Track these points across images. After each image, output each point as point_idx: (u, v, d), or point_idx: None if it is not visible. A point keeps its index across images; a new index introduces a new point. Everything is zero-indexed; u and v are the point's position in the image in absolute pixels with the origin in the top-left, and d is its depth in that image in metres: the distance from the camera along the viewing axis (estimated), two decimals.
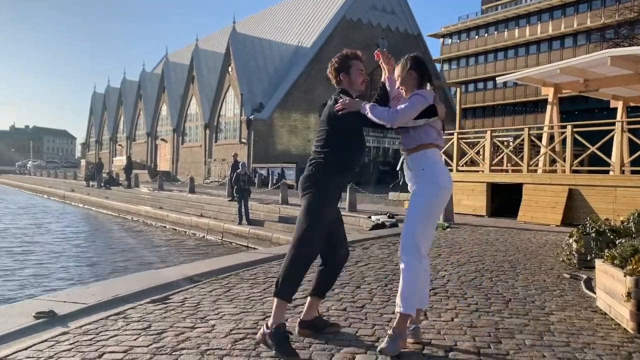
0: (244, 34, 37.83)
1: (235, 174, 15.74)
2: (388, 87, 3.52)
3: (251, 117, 33.21)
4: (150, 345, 3.14)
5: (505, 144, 14.54)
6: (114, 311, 3.88)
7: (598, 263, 4.28)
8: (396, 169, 20.31)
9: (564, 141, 12.17)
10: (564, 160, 11.97)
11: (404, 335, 3.14)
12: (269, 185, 25.35)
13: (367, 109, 3.26)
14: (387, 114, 3.22)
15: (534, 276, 5.52)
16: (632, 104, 15.70)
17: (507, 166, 13.94)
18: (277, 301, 3.17)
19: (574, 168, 11.55)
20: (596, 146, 11.21)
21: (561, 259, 6.46)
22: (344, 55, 3.55)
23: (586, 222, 6.32)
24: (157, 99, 47.98)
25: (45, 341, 3.21)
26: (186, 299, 4.29)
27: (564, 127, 12.45)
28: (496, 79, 18.55)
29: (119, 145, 57.22)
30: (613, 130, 11.09)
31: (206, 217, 17.88)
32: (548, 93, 14.34)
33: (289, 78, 35.26)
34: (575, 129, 11.49)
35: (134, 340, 3.24)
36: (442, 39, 59.01)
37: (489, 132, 13.30)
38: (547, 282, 5.26)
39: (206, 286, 4.76)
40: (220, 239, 15.92)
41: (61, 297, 4.27)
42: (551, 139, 13.50)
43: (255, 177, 27.87)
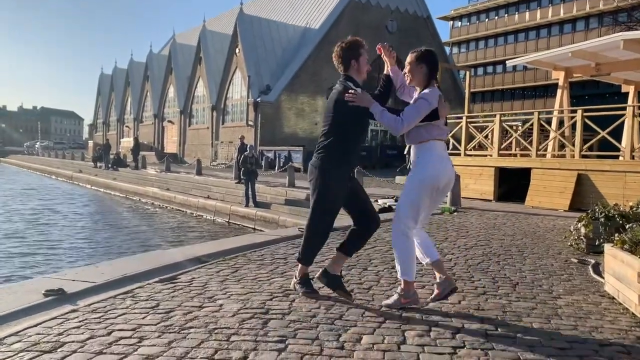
0: (251, 15, 37.53)
1: (242, 156, 15.74)
2: (392, 78, 3.74)
3: (258, 99, 33.08)
4: (159, 323, 3.16)
5: (515, 128, 14.42)
6: (122, 290, 3.91)
7: (607, 247, 4.26)
8: (404, 152, 20.24)
9: (573, 126, 12.06)
10: (573, 145, 11.87)
11: (408, 295, 3.53)
12: (276, 168, 25.37)
13: (377, 112, 3.49)
14: (394, 123, 3.47)
15: (541, 260, 5.50)
16: None
17: (515, 151, 13.84)
18: (300, 266, 3.84)
19: (583, 153, 11.46)
20: (606, 131, 11.10)
21: (569, 243, 6.44)
22: (356, 42, 3.65)
23: (595, 207, 6.28)
24: (164, 81, 47.89)
25: (55, 318, 3.24)
26: (194, 279, 4.31)
27: (574, 112, 12.31)
28: (506, 62, 18.36)
29: (126, 126, 57.34)
30: (624, 115, 10.97)
31: (213, 199, 17.94)
32: (559, 77, 14.18)
33: (296, 60, 34.99)
34: (585, 114, 11.36)
35: (142, 318, 3.26)
36: (451, 22, 58.30)
37: (498, 116, 13.20)
38: (554, 266, 5.24)
39: (214, 267, 4.78)
40: (227, 220, 15.98)
41: (70, 276, 4.30)
42: (561, 123, 13.38)
43: (262, 159, 27.86)
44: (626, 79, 14.73)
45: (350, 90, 3.47)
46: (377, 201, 11.95)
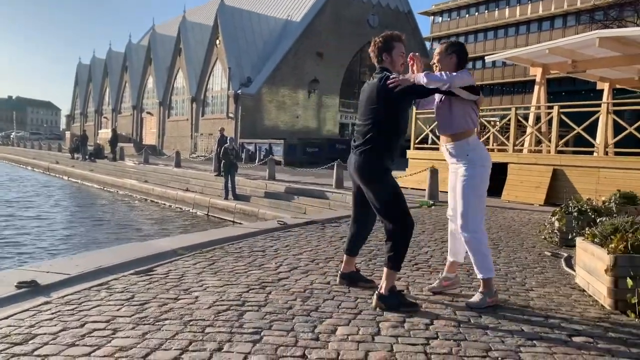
0: (232, 6, 37.16)
1: (223, 148, 15.62)
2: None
3: (239, 91, 32.85)
4: (133, 315, 3.14)
5: (492, 123, 14.59)
6: (97, 282, 3.87)
7: (579, 241, 4.35)
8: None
9: (550, 122, 12.24)
10: (549, 141, 12.06)
11: (491, 294, 3.58)
12: (256, 161, 25.27)
13: (421, 77, 3.47)
14: (445, 76, 3.45)
15: (515, 254, 5.60)
16: (618, 86, 15.79)
17: (493, 146, 14.01)
18: (388, 272, 3.50)
19: (559, 149, 11.65)
20: (582, 127, 11.29)
21: (543, 237, 6.56)
22: (389, 36, 3.73)
23: (569, 202, 6.40)
24: (144, 71, 47.17)
25: (27, 310, 3.19)
26: (170, 271, 4.29)
27: (550, 108, 12.49)
28: (485, 58, 18.52)
29: (104, 117, 56.40)
30: (599, 111, 11.16)
31: (192, 192, 17.81)
32: (536, 73, 14.36)
33: (277, 53, 34.81)
34: (561, 110, 11.54)
35: (117, 310, 3.24)
36: (432, 17, 58.60)
37: None
38: (528, 259, 5.33)
39: (190, 259, 4.76)
40: (206, 213, 15.89)
41: (44, 268, 4.24)
42: (538, 119, 13.57)
43: (243, 152, 27.70)
44: (601, 76, 14.99)
45: (392, 76, 3.52)
46: None
